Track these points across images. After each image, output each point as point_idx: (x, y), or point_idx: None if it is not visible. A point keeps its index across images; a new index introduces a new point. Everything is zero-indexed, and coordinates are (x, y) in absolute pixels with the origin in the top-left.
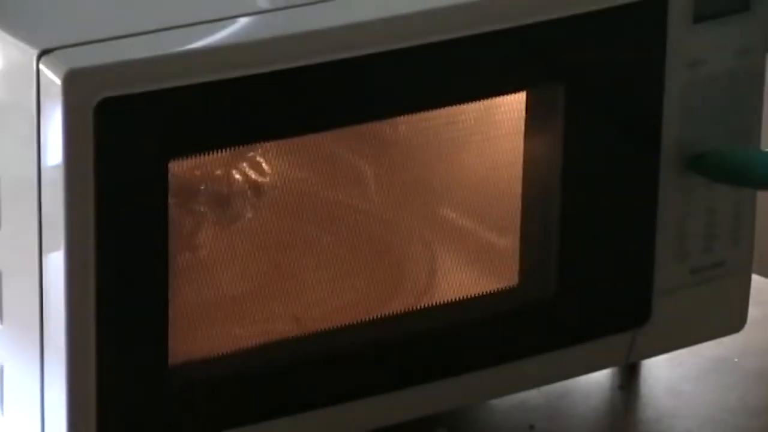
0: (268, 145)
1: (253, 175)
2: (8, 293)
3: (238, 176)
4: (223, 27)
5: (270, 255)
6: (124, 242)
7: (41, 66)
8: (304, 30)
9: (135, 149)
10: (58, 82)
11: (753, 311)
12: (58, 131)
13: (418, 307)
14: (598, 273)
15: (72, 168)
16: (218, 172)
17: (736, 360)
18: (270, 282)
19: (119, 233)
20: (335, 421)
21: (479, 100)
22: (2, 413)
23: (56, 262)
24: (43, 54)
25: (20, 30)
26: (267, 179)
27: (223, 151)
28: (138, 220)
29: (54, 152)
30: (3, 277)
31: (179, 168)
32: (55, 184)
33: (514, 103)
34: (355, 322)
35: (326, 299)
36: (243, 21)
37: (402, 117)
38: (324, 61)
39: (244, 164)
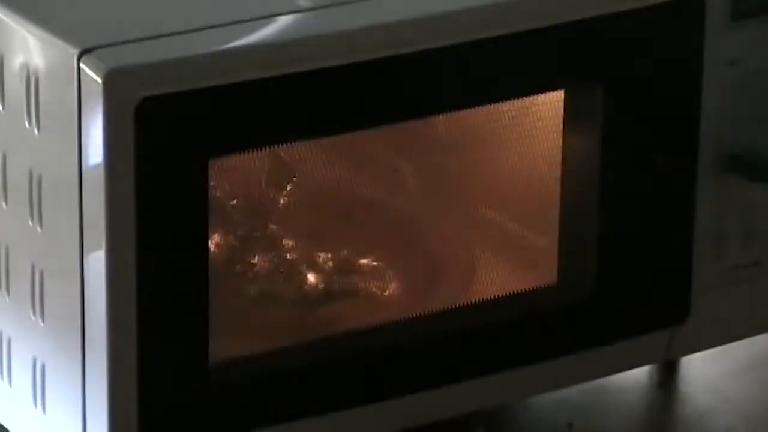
0: (307, 143)
1: (293, 174)
2: (50, 292)
3: (278, 175)
4: (263, 26)
5: (309, 254)
6: (165, 241)
7: (82, 65)
8: (343, 29)
9: (175, 148)
10: (99, 81)
11: None
12: (99, 130)
13: (457, 305)
14: (637, 271)
15: (113, 166)
16: (258, 170)
17: None
18: (309, 281)
19: (160, 231)
20: (374, 418)
21: (518, 98)
22: (44, 411)
23: (97, 261)
24: (84, 53)
25: (61, 29)
26: (307, 178)
27: (263, 149)
28: (178, 219)
29: (95, 151)
30: (45, 277)
31: (220, 166)
32: (96, 182)
33: (553, 102)
34: (393, 320)
35: (366, 297)
36: (283, 20)
37: (441, 115)
38: (363, 59)
39: (285, 163)
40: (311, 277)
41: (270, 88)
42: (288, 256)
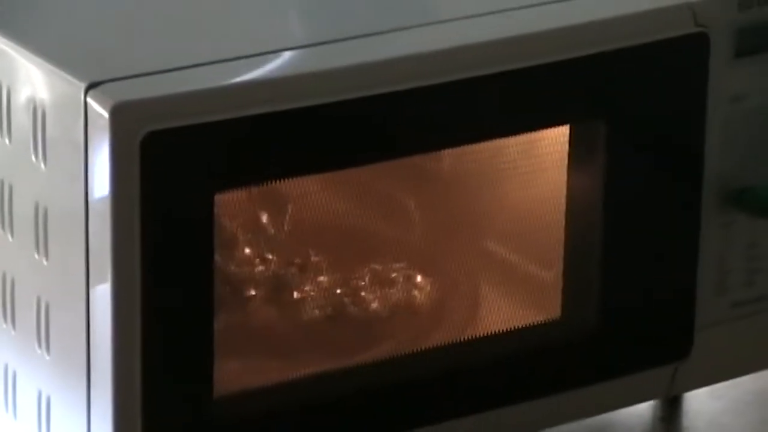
0: (312, 178)
1: (297, 208)
2: (55, 325)
3: (282, 210)
4: (268, 61)
5: (313, 288)
6: (170, 274)
7: (89, 99)
8: (347, 64)
9: (181, 182)
10: (106, 115)
11: None
12: (105, 164)
13: (460, 340)
14: (641, 306)
15: (119, 200)
16: (263, 205)
17: None
18: (314, 315)
19: (166, 265)
20: None
21: (523, 133)
22: None
23: (103, 294)
24: (90, 87)
25: (68, 63)
26: (310, 211)
27: (268, 183)
28: (184, 252)
29: (101, 184)
30: (50, 309)
31: (225, 200)
32: (102, 216)
33: (558, 137)
34: (396, 355)
35: (368, 332)
36: (287, 55)
37: (446, 150)
38: (368, 94)
39: (289, 197)
40: (316, 306)
41: (276, 122)
42: (291, 286)
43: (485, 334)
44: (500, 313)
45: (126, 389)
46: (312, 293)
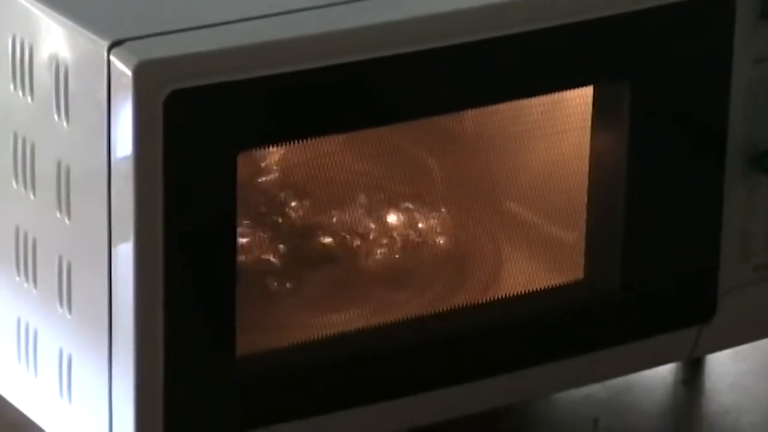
0: (334, 137)
1: (321, 168)
2: (77, 284)
3: (305, 169)
4: (292, 20)
5: (340, 243)
6: (193, 233)
7: (112, 57)
8: (372, 23)
9: (204, 141)
10: (129, 73)
11: None
12: (128, 123)
13: (484, 301)
14: (664, 268)
15: (141, 159)
16: (287, 163)
17: None
18: (336, 274)
19: (187, 224)
20: (398, 413)
21: (546, 94)
22: (70, 403)
23: (125, 253)
24: (113, 45)
25: (91, 21)
26: (334, 171)
27: (292, 143)
28: (206, 211)
29: (124, 143)
30: (72, 268)
31: (248, 159)
32: (124, 174)
33: (581, 98)
34: (420, 315)
35: (392, 291)
36: (311, 14)
37: (469, 111)
38: (392, 54)
39: (311, 157)
40: (338, 263)
41: (299, 81)
42: (316, 247)
43: (507, 296)
44: (523, 274)
45: (147, 348)
46: (335, 246)
